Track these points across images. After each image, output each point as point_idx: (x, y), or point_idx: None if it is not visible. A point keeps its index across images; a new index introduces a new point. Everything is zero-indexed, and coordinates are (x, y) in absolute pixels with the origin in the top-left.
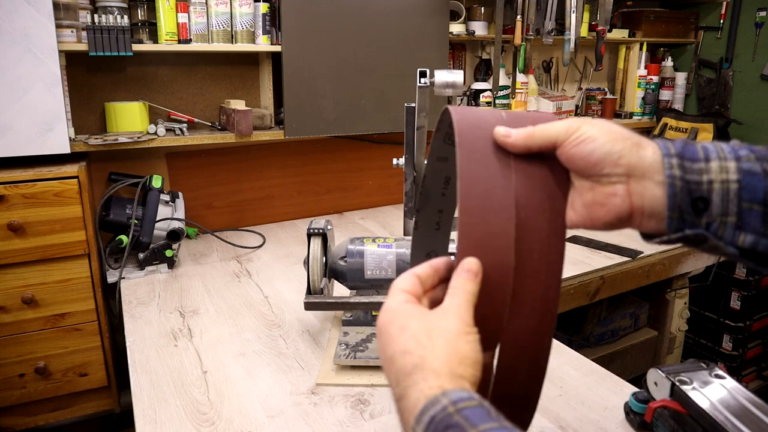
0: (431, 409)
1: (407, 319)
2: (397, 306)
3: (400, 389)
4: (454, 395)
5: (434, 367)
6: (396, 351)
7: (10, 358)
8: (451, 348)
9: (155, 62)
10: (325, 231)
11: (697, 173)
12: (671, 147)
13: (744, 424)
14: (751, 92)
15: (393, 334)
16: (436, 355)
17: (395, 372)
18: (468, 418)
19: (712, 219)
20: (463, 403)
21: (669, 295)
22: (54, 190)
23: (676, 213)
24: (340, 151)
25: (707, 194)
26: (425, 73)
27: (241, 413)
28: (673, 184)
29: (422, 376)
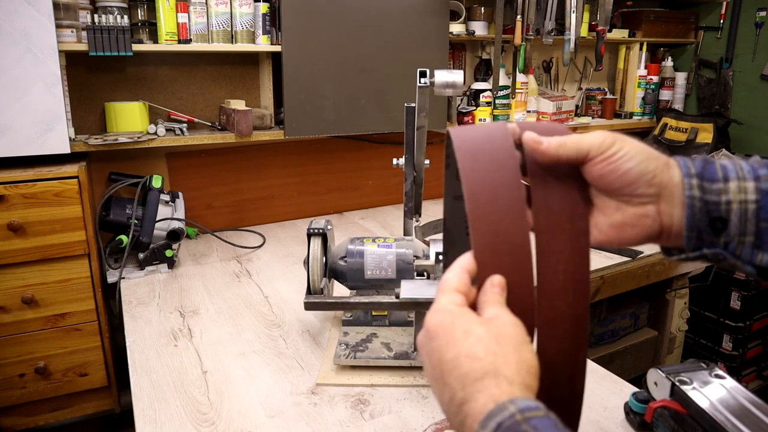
0: (498, 415)
1: (470, 323)
2: (455, 309)
3: (465, 393)
4: (521, 403)
5: (507, 375)
6: (461, 354)
7: (10, 358)
8: (519, 356)
9: (155, 62)
10: (325, 231)
11: (716, 194)
12: (691, 167)
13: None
14: (751, 92)
15: (456, 338)
16: (508, 363)
17: (459, 376)
18: (536, 428)
19: (730, 239)
20: (530, 413)
21: (669, 295)
22: (54, 190)
23: (694, 233)
24: (340, 151)
25: (725, 214)
26: (425, 73)
27: (241, 413)
28: (692, 205)
29: (495, 383)
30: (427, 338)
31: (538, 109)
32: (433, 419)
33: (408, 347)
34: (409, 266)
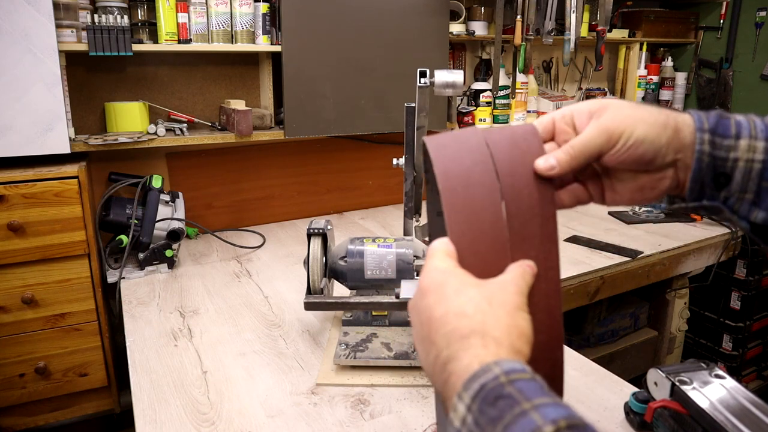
0: (482, 376)
1: (464, 283)
2: (450, 268)
3: (450, 351)
4: (506, 365)
5: (495, 335)
6: (450, 311)
7: (10, 358)
8: (512, 320)
9: (155, 62)
10: (325, 231)
11: (725, 150)
12: (705, 122)
13: (744, 424)
14: (751, 92)
15: (447, 295)
16: (498, 325)
17: (446, 333)
18: (522, 391)
19: (730, 194)
20: (516, 375)
21: (669, 295)
22: (54, 190)
23: (697, 185)
24: (340, 151)
25: (730, 171)
26: (425, 73)
27: (241, 413)
28: (701, 159)
29: (481, 342)
30: (419, 297)
31: (538, 109)
32: (433, 419)
33: (408, 347)
34: (409, 266)
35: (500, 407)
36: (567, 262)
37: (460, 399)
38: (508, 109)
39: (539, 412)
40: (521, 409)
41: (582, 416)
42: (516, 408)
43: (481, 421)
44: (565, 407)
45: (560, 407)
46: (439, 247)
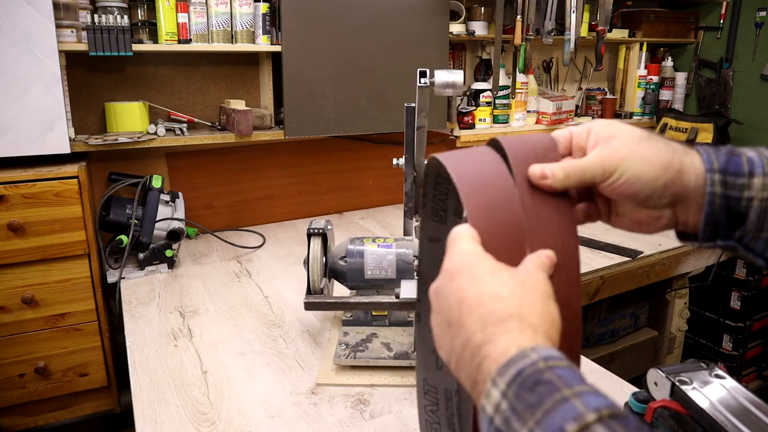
0: (519, 362)
1: (497, 266)
2: (480, 251)
3: (486, 334)
4: (544, 352)
5: (532, 321)
6: (485, 293)
7: (10, 358)
8: (545, 307)
9: (155, 62)
10: (325, 231)
11: (738, 189)
12: (715, 161)
13: (744, 424)
14: (751, 92)
15: (481, 277)
16: (533, 311)
17: (480, 315)
18: (562, 378)
19: (745, 233)
20: (554, 362)
21: (669, 295)
22: (54, 190)
23: (710, 227)
24: (340, 151)
25: (744, 210)
26: (425, 73)
27: (241, 413)
28: (713, 202)
29: (519, 327)
30: (447, 279)
31: (538, 109)
32: None
33: (408, 347)
34: (409, 266)
35: (540, 393)
36: None
37: (494, 384)
38: (508, 109)
39: (581, 399)
40: (562, 395)
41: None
42: (557, 394)
43: (519, 406)
44: (605, 397)
45: (601, 396)
46: (463, 231)
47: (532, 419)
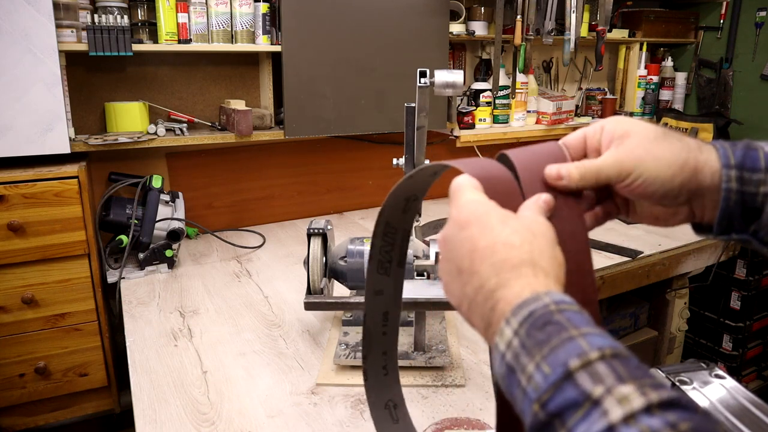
0: (532, 304)
1: (505, 215)
2: (486, 200)
3: (500, 279)
4: (556, 296)
5: (544, 266)
6: (498, 241)
7: (10, 358)
8: (553, 252)
9: (155, 62)
10: (325, 231)
11: (754, 185)
12: (731, 156)
13: (744, 424)
14: (751, 92)
15: (492, 224)
16: (544, 256)
17: (494, 262)
18: (570, 320)
19: (760, 227)
20: (565, 305)
21: (669, 295)
22: (54, 190)
23: (725, 221)
24: (340, 151)
25: (761, 206)
26: (425, 73)
27: (241, 413)
28: (728, 198)
29: (532, 272)
30: (457, 229)
31: (538, 109)
32: (433, 419)
33: (408, 347)
34: (409, 266)
35: (548, 332)
36: None
37: (507, 323)
38: (508, 109)
39: (586, 339)
40: (569, 335)
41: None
42: (564, 333)
43: (528, 343)
44: (611, 339)
45: (607, 338)
46: (465, 181)
47: (539, 354)
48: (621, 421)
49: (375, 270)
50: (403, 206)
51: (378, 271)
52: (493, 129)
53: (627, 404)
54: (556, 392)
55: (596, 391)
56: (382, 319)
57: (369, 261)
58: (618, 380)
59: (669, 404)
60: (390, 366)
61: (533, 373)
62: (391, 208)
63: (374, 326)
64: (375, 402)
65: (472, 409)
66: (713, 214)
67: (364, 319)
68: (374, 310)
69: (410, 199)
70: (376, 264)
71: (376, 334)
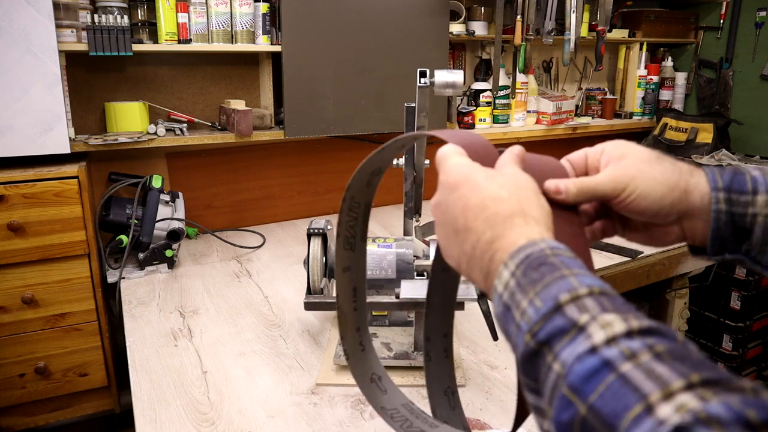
0: (528, 248)
1: (490, 172)
2: (471, 162)
3: (495, 232)
4: (551, 242)
5: (534, 215)
6: (486, 197)
7: (10, 358)
8: (539, 201)
9: (155, 62)
10: (325, 231)
11: (743, 206)
12: (719, 180)
13: None
14: (751, 92)
15: (479, 182)
16: (532, 205)
17: (487, 217)
18: (564, 262)
19: (751, 247)
20: (559, 251)
21: (669, 295)
22: (54, 190)
23: (718, 242)
24: (340, 151)
25: (750, 226)
26: (425, 73)
27: (241, 413)
28: (718, 218)
29: (524, 221)
30: (447, 192)
31: (538, 109)
32: None
33: (408, 347)
34: (409, 266)
35: (542, 271)
36: None
37: (505, 266)
38: (508, 109)
39: (577, 278)
40: (561, 273)
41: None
42: (556, 272)
43: (523, 282)
44: (601, 281)
45: (597, 279)
46: (450, 149)
47: (533, 291)
48: (603, 343)
49: (342, 246)
50: (367, 180)
51: (345, 247)
52: (493, 129)
53: (609, 329)
54: (546, 322)
55: (582, 318)
56: (352, 295)
57: (336, 238)
58: (603, 311)
59: (649, 331)
60: (365, 341)
61: (526, 308)
62: (357, 183)
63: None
64: (361, 378)
65: (472, 409)
66: (704, 235)
67: (336, 299)
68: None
69: (375, 173)
70: (343, 240)
71: (348, 311)
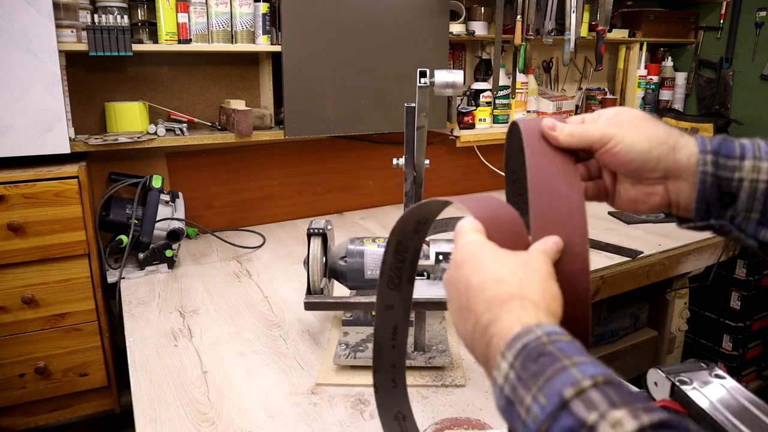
0: (524, 337)
1: (498, 253)
2: (482, 240)
3: (492, 315)
4: (548, 328)
5: (533, 299)
6: (488, 279)
7: (10, 358)
8: (545, 285)
9: (155, 62)
10: (325, 231)
11: (729, 170)
12: (708, 143)
13: (744, 424)
14: (751, 92)
15: (484, 264)
16: (533, 289)
17: (485, 299)
18: (562, 350)
19: (736, 213)
20: (556, 336)
21: (669, 295)
22: (54, 190)
23: (703, 205)
24: (340, 151)
25: (735, 191)
26: (425, 73)
27: (241, 413)
28: (704, 180)
29: (521, 305)
30: (454, 269)
31: (538, 109)
32: (433, 419)
33: (408, 347)
34: None
35: (542, 363)
36: None
37: (503, 357)
38: (508, 109)
39: (578, 368)
40: (562, 365)
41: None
42: (557, 364)
43: (524, 375)
44: (603, 366)
45: (599, 366)
46: (467, 223)
47: (535, 386)
48: None
49: (385, 285)
50: (414, 227)
51: (388, 286)
52: (493, 129)
53: (620, 428)
54: (553, 422)
55: (590, 417)
56: (391, 332)
57: (380, 277)
58: (611, 406)
59: (660, 425)
60: (398, 378)
61: (531, 404)
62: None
63: (384, 340)
64: (385, 414)
65: (472, 409)
66: (689, 201)
67: (374, 334)
68: (384, 324)
69: (421, 222)
70: (386, 279)
71: (386, 347)
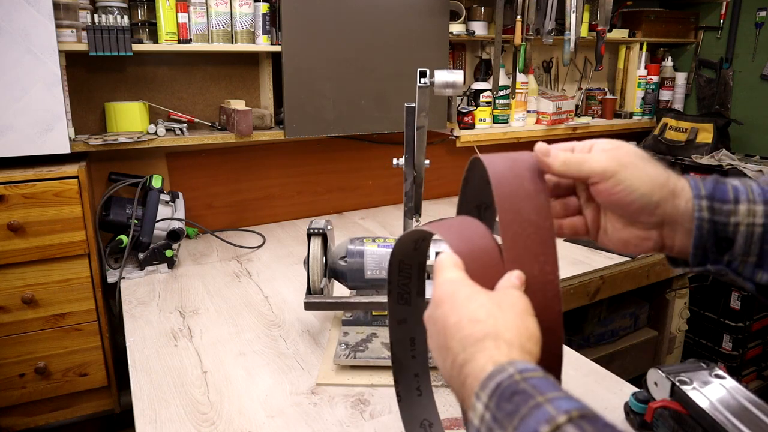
0: (497, 376)
1: (474, 291)
2: (460, 278)
3: (467, 354)
4: (520, 365)
5: (507, 337)
6: (463, 318)
7: (10, 358)
8: (521, 322)
9: (155, 62)
10: (325, 231)
11: (725, 215)
12: (702, 188)
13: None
14: (751, 92)
15: (460, 303)
16: (508, 327)
17: (461, 338)
18: (536, 387)
19: (733, 258)
20: (529, 373)
21: (669, 295)
22: (54, 190)
23: (700, 251)
24: (340, 151)
25: (732, 235)
26: (425, 73)
27: (241, 413)
28: (701, 226)
29: (494, 344)
30: (433, 308)
31: (538, 109)
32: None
33: None
34: None
35: (516, 402)
36: (567, 263)
37: (478, 398)
38: (508, 109)
39: (552, 404)
40: (536, 402)
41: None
42: (531, 401)
43: (499, 415)
44: (576, 400)
45: (572, 400)
46: (446, 259)
47: (510, 426)
48: None
49: (395, 302)
50: (413, 246)
51: (398, 302)
52: (493, 129)
53: None
54: None
55: None
56: (409, 344)
57: (388, 295)
58: None
59: None
60: (423, 386)
61: None
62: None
63: (402, 353)
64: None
65: None
66: (684, 244)
67: (390, 348)
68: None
69: (419, 240)
70: (395, 296)
71: (405, 359)
